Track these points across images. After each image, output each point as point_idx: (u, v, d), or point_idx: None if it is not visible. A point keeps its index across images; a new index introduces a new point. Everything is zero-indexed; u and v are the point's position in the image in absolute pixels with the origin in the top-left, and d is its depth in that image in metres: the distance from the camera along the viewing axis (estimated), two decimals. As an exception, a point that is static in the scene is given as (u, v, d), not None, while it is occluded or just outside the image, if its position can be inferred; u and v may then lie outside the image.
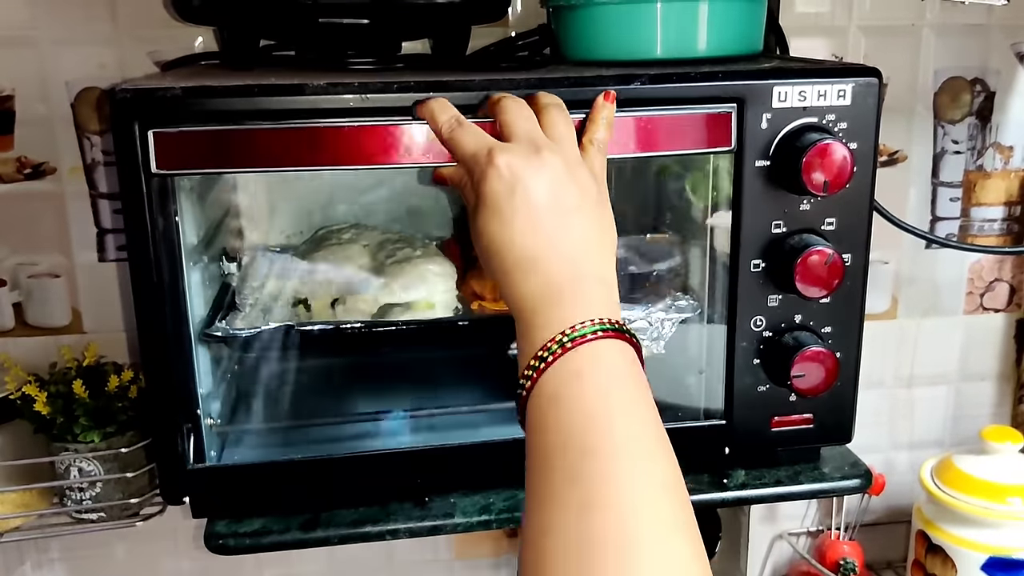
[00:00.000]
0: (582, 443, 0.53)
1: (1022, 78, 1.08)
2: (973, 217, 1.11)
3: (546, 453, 0.54)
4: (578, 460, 0.52)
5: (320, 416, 0.87)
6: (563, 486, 0.51)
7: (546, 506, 0.52)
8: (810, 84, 0.78)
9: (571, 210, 0.61)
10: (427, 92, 0.72)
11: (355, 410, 0.87)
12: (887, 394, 1.16)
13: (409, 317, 0.86)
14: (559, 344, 0.56)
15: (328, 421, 0.86)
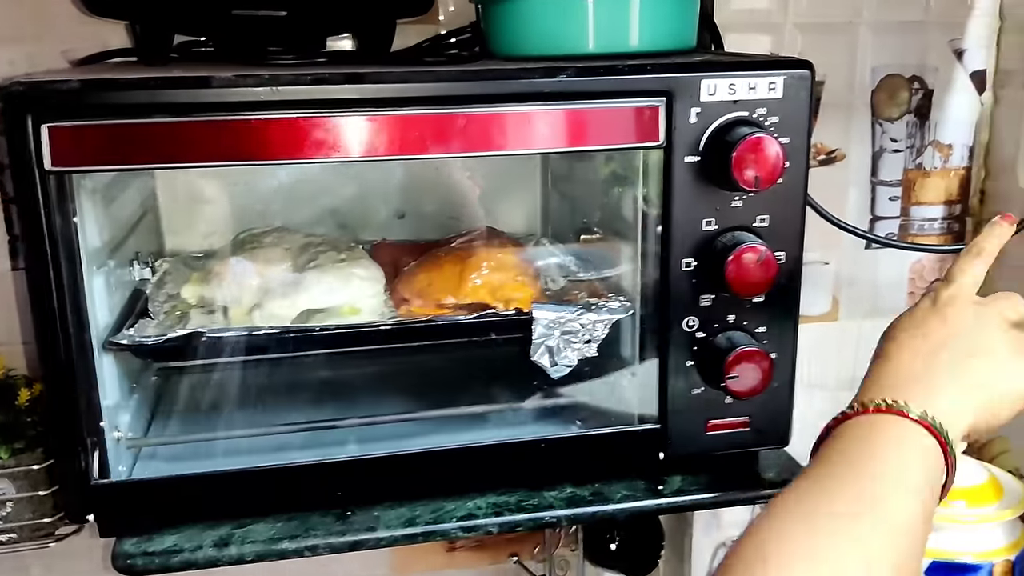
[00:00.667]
0: (868, 491, 0.57)
1: (960, 75, 1.07)
2: (913, 216, 1.10)
3: (823, 480, 0.59)
4: (868, 506, 0.56)
5: (237, 427, 0.83)
6: (849, 516, 0.56)
7: (798, 522, 0.56)
8: (740, 77, 0.76)
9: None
10: (343, 84, 0.69)
11: (275, 421, 0.83)
12: (830, 396, 1.14)
13: (333, 322, 0.82)
14: (901, 406, 0.61)
15: (246, 433, 0.81)
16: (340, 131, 0.66)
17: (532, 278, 0.92)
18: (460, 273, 0.88)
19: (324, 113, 0.66)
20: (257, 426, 0.83)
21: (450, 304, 0.87)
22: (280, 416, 0.84)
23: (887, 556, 0.54)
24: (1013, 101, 1.04)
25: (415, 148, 0.68)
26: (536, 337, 0.82)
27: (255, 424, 0.84)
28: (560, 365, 0.83)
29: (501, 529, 0.80)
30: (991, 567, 0.94)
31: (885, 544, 0.55)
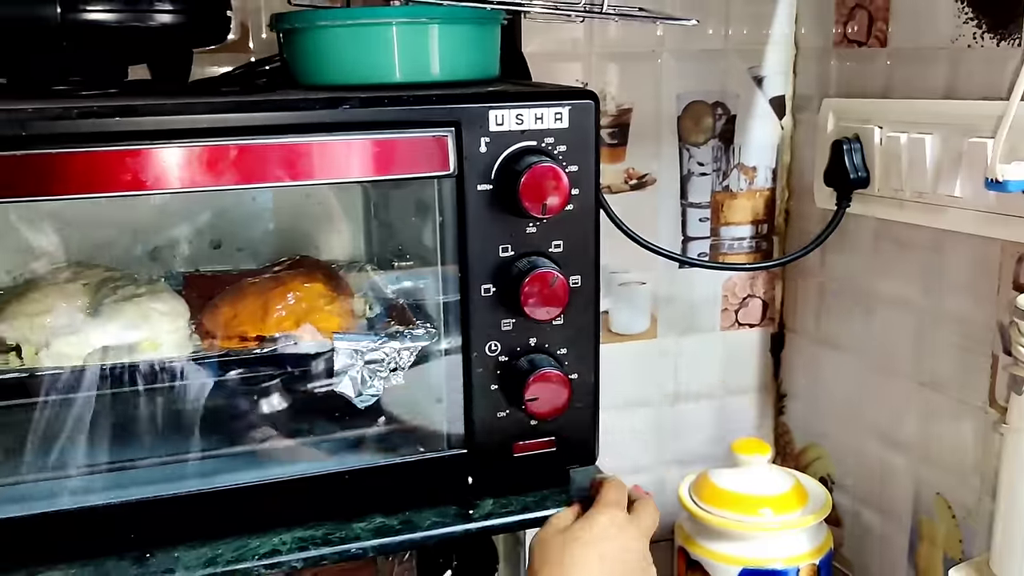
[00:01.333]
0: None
1: (760, 101, 1.13)
2: (723, 236, 1.15)
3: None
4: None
5: (29, 472, 0.80)
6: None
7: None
8: (526, 108, 0.78)
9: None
10: (109, 117, 0.67)
11: (72, 464, 0.80)
12: (653, 413, 1.17)
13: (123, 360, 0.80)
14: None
15: (34, 478, 0.78)
16: (99, 164, 0.65)
17: (344, 307, 0.91)
18: (264, 305, 0.87)
19: (82, 148, 0.65)
20: (52, 470, 0.80)
21: (253, 337, 0.85)
22: (77, 459, 0.81)
23: None
24: (810, 125, 1.09)
25: (187, 181, 0.67)
26: (338, 367, 0.81)
27: (49, 469, 0.81)
28: (366, 395, 0.83)
29: (306, 564, 0.79)
30: (797, 571, 0.98)
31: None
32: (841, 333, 1.10)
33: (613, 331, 1.13)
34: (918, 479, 1.00)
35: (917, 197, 0.94)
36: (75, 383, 0.78)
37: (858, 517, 1.10)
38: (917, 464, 1.00)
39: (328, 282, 0.92)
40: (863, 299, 1.06)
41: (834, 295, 1.11)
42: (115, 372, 0.79)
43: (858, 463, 1.09)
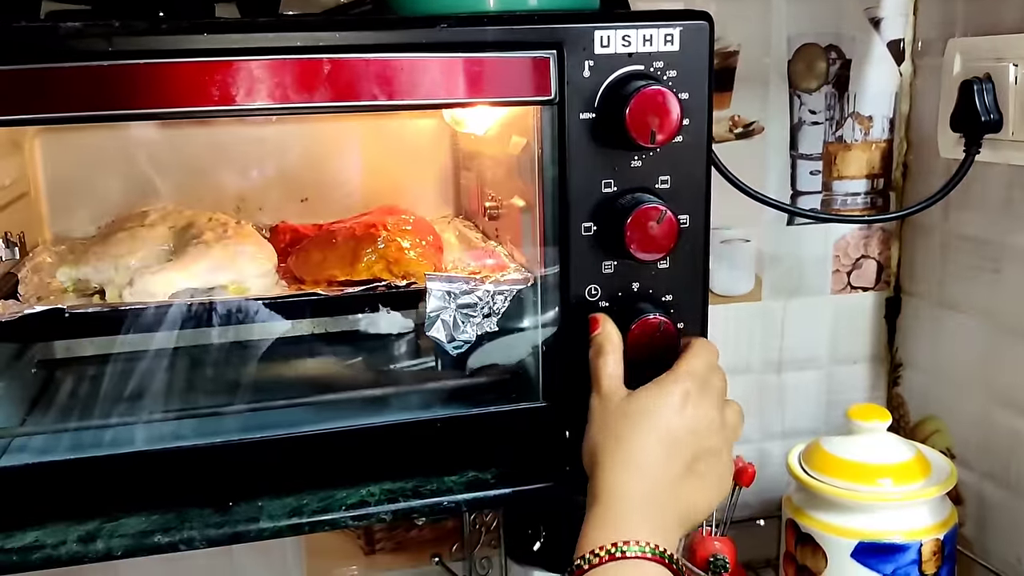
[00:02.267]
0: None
1: (878, 45, 1.05)
2: (835, 191, 1.07)
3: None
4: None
5: (115, 417, 0.77)
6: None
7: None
8: (634, 28, 0.72)
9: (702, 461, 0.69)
10: (197, 33, 0.64)
11: (157, 410, 0.77)
12: (755, 380, 1.10)
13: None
14: (623, 550, 0.63)
15: (120, 422, 0.75)
16: (186, 77, 0.61)
17: (435, 254, 0.87)
18: (354, 249, 0.83)
19: (170, 61, 0.61)
20: (134, 413, 0.77)
21: (343, 281, 0.82)
22: (162, 405, 0.78)
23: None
24: (932, 71, 1.01)
25: (278, 97, 0.63)
26: (431, 310, 0.77)
27: (135, 414, 0.78)
28: (459, 341, 0.78)
29: (395, 517, 0.75)
30: (919, 546, 0.90)
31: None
32: (966, 295, 1.02)
33: (714, 291, 1.06)
34: (1055, 450, 0.91)
35: (1059, 138, 0.85)
36: (158, 322, 0.74)
37: (981, 494, 1.01)
38: (1054, 434, 0.91)
39: (418, 228, 0.88)
40: (992, 256, 0.97)
41: (958, 253, 1.02)
42: (200, 312, 0.75)
43: (982, 435, 1.01)
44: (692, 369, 0.71)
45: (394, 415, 0.78)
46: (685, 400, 0.69)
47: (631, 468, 0.66)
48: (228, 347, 0.79)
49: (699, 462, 0.68)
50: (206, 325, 0.75)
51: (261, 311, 0.76)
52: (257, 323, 0.77)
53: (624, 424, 0.68)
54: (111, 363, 0.82)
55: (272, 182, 1.00)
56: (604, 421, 0.70)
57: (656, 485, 0.66)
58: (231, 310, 0.75)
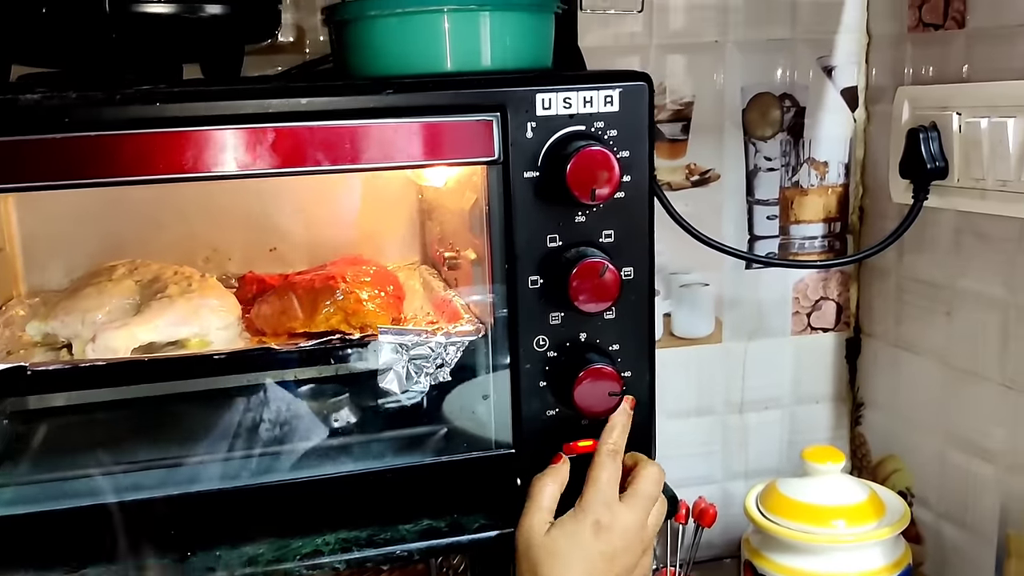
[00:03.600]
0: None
1: (831, 93, 1.07)
2: (793, 235, 1.10)
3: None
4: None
5: (78, 469, 0.79)
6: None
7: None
8: (575, 91, 0.75)
9: None
10: (151, 104, 0.67)
11: (120, 461, 0.79)
12: (718, 421, 1.12)
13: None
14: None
15: (77, 474, 0.77)
16: (138, 147, 0.64)
17: (395, 306, 0.89)
18: (313, 301, 0.86)
19: (124, 132, 0.64)
20: (93, 466, 0.79)
21: (300, 333, 0.84)
22: (124, 457, 0.81)
23: None
24: (885, 117, 1.04)
25: (225, 162, 0.66)
26: (383, 362, 0.79)
27: (97, 465, 0.80)
28: (411, 391, 0.80)
29: (348, 565, 0.77)
30: (873, 587, 0.92)
31: None
32: (921, 336, 1.04)
33: (675, 334, 1.09)
34: (1006, 490, 0.93)
35: (1000, 186, 0.88)
36: (118, 377, 0.77)
37: (940, 533, 1.03)
38: (1004, 474, 0.93)
39: (379, 280, 0.91)
40: (944, 299, 0.99)
41: (913, 296, 1.04)
42: (157, 367, 0.77)
43: (940, 475, 1.02)
44: (599, 494, 0.75)
45: (350, 465, 0.80)
46: (598, 531, 0.73)
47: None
48: (187, 399, 0.81)
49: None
50: (164, 379, 0.77)
51: (217, 366, 0.78)
52: (216, 376, 0.79)
53: (546, 558, 0.73)
54: (76, 415, 0.85)
55: (241, 233, 1.03)
56: (529, 560, 0.74)
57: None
58: (188, 365, 0.77)
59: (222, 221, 1.02)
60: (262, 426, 0.82)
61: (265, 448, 0.80)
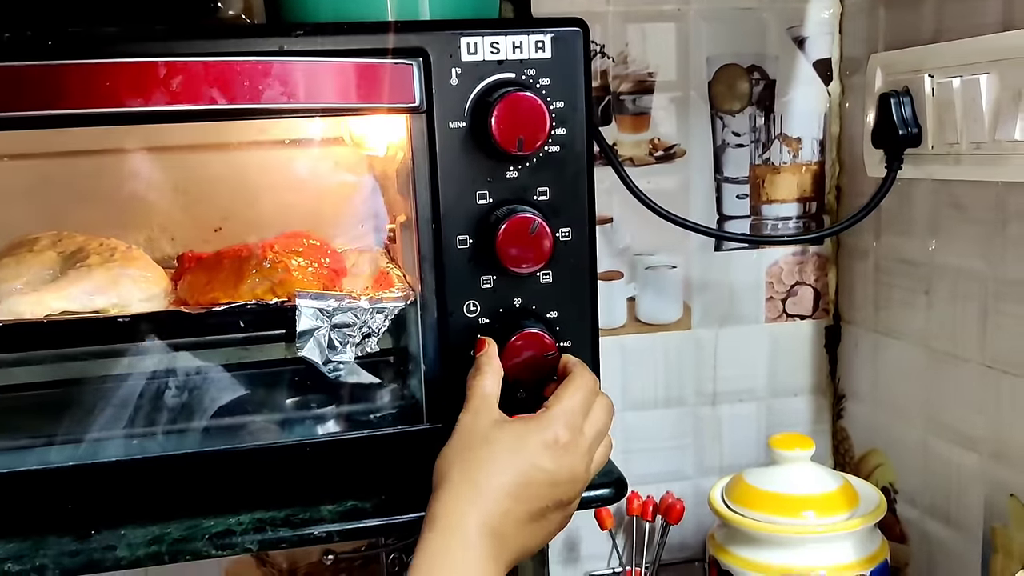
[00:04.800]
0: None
1: (803, 65, 1.02)
2: (765, 215, 1.04)
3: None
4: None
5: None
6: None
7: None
8: (502, 35, 0.70)
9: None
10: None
11: (23, 434, 0.75)
12: (689, 413, 1.06)
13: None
14: None
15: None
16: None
17: (328, 277, 0.85)
18: (238, 270, 0.81)
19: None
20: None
21: (224, 303, 0.79)
22: (31, 428, 0.76)
23: None
24: (861, 89, 0.98)
25: (113, 101, 0.62)
26: (302, 328, 0.74)
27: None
28: (335, 362, 0.75)
29: (261, 547, 0.71)
30: (844, 584, 0.85)
31: None
32: (902, 320, 0.97)
33: (641, 320, 1.03)
34: (990, 481, 0.86)
35: (975, 149, 0.82)
36: (23, 343, 0.72)
37: (924, 531, 0.96)
38: (988, 462, 0.86)
39: (313, 252, 0.86)
40: (923, 277, 0.93)
41: (892, 276, 0.98)
42: (65, 332, 0.73)
43: (924, 468, 0.95)
44: (568, 410, 0.67)
45: (265, 439, 0.75)
46: (553, 447, 0.65)
47: (478, 499, 0.62)
48: (90, 363, 0.77)
49: (551, 509, 0.65)
50: (64, 344, 0.72)
51: (122, 330, 0.73)
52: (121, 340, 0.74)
53: (484, 450, 0.65)
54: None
55: (184, 214, 0.99)
56: (466, 441, 0.66)
57: (500, 524, 0.62)
58: (95, 328, 0.73)
59: (163, 202, 0.98)
60: (168, 393, 0.77)
61: (173, 416, 0.75)
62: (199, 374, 0.79)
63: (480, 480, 0.63)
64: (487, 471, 0.63)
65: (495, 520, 0.62)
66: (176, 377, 0.78)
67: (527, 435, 0.65)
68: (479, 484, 0.63)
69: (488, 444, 0.65)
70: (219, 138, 0.96)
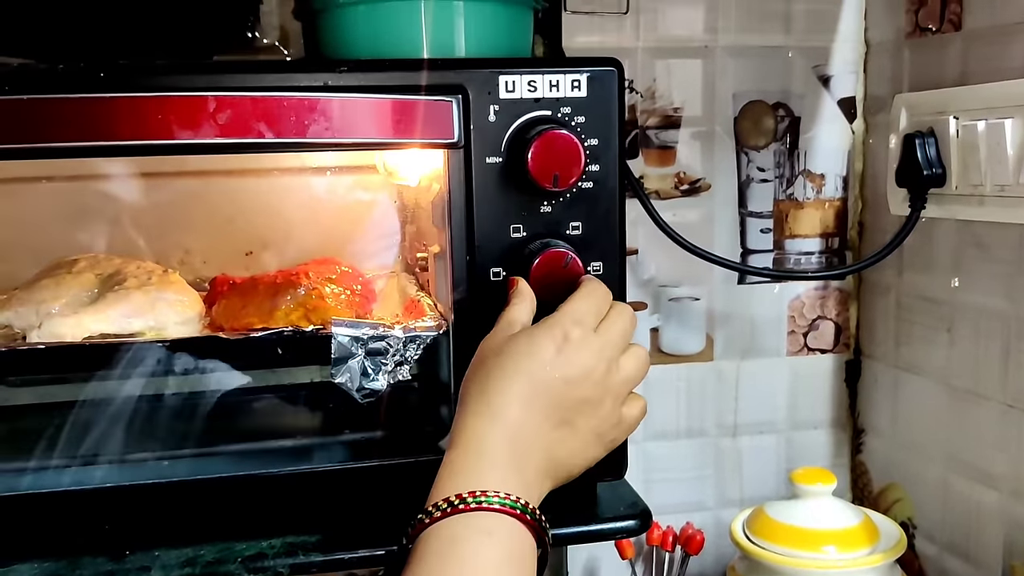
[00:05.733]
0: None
1: (827, 103, 1.04)
2: (788, 249, 1.05)
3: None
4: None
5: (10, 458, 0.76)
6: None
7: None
8: (540, 74, 0.72)
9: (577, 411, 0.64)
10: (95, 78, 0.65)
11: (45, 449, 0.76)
12: (710, 444, 1.07)
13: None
14: (480, 500, 0.58)
15: (17, 466, 0.74)
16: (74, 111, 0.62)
17: (361, 305, 0.86)
18: (273, 297, 0.82)
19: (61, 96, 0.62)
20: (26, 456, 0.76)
21: (260, 329, 0.80)
22: (67, 450, 0.77)
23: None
24: (885, 128, 1.00)
25: (164, 133, 0.63)
26: (336, 355, 0.75)
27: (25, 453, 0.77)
28: (367, 389, 0.76)
29: (293, 571, 0.72)
30: (865, 618, 0.85)
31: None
32: (923, 356, 0.98)
33: (664, 351, 1.04)
34: (1010, 518, 0.86)
35: (999, 191, 0.83)
36: (65, 365, 0.74)
37: (943, 568, 0.96)
38: (1008, 500, 0.87)
39: (345, 279, 0.88)
40: (945, 315, 0.94)
41: (914, 314, 0.99)
42: (102, 355, 0.74)
43: (943, 504, 0.96)
44: (576, 311, 0.65)
45: (300, 464, 0.76)
46: (563, 345, 0.63)
47: (493, 412, 0.61)
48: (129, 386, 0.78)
49: (573, 413, 0.63)
50: (109, 369, 0.74)
51: (164, 356, 0.75)
52: (160, 367, 0.75)
53: (494, 364, 0.63)
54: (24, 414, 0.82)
55: (217, 236, 1.01)
56: (481, 358, 0.65)
57: (519, 433, 0.60)
58: (133, 354, 0.74)
59: (197, 225, 1.00)
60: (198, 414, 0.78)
61: (205, 438, 0.76)
62: (230, 396, 0.80)
63: (490, 391, 0.62)
64: (497, 382, 0.62)
65: (511, 430, 0.60)
66: (207, 398, 0.79)
67: (535, 339, 0.63)
68: (490, 396, 0.61)
69: (499, 355, 0.63)
70: (254, 164, 0.98)
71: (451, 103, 0.70)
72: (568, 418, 0.63)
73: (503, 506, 0.58)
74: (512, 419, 0.61)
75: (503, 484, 0.58)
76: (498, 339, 0.65)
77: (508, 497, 0.58)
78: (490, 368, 0.63)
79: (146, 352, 0.74)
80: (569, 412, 0.63)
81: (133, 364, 0.73)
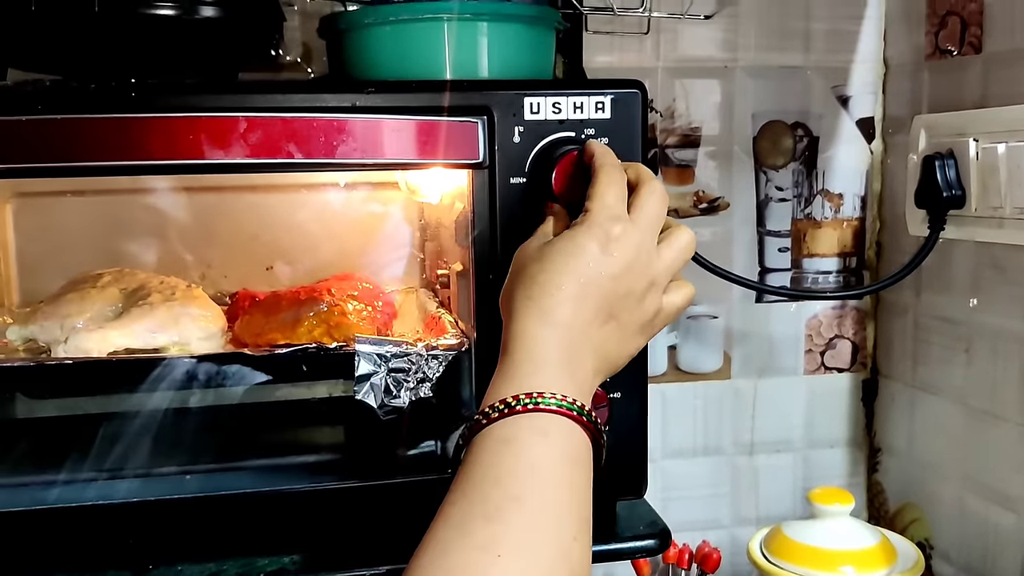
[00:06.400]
0: (514, 489, 0.55)
1: (846, 123, 1.04)
2: (806, 268, 1.05)
3: (473, 487, 0.56)
4: (502, 502, 0.54)
5: (35, 473, 0.77)
6: (476, 520, 0.54)
7: (452, 532, 0.54)
8: (564, 96, 0.72)
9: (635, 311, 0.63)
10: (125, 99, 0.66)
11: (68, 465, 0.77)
12: (727, 462, 1.07)
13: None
14: (536, 401, 0.58)
15: (34, 480, 0.75)
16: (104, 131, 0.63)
17: (382, 322, 0.87)
18: (296, 313, 0.83)
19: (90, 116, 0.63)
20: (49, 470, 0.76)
21: (283, 345, 0.81)
22: (91, 464, 0.78)
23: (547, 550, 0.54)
24: (903, 149, 1.00)
25: (194, 152, 0.64)
26: (360, 373, 0.76)
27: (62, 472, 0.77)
28: (390, 406, 0.77)
29: (315, 585, 0.73)
30: (883, 639, 0.85)
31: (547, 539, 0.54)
32: (940, 377, 0.98)
33: (681, 368, 1.04)
34: (1029, 541, 0.87)
35: (1018, 214, 0.83)
36: (88, 381, 0.75)
37: (962, 588, 0.96)
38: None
39: (367, 295, 0.88)
40: (963, 336, 0.94)
41: (931, 334, 0.99)
42: (126, 371, 0.75)
43: (960, 525, 0.96)
44: (608, 207, 0.63)
45: (321, 480, 0.77)
46: (605, 243, 0.61)
47: (544, 315, 0.60)
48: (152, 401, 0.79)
49: (619, 308, 0.62)
50: (136, 384, 0.75)
51: (191, 372, 0.75)
52: (195, 387, 0.76)
53: (538, 269, 0.62)
54: (48, 428, 0.82)
55: (240, 251, 1.01)
56: (520, 265, 0.64)
57: (570, 333, 0.60)
58: (163, 371, 0.75)
59: (219, 239, 1.01)
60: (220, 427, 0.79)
61: (232, 461, 0.77)
62: (252, 411, 0.81)
63: (538, 295, 0.61)
64: (543, 286, 0.61)
65: (563, 331, 0.60)
66: (229, 413, 0.80)
67: (577, 240, 0.62)
68: (539, 300, 0.61)
69: (540, 260, 0.62)
70: (280, 180, 0.99)
71: (477, 124, 0.71)
72: (615, 313, 0.62)
73: (559, 407, 0.57)
74: (563, 320, 0.60)
75: (558, 385, 0.58)
76: (534, 246, 0.64)
77: (564, 399, 0.58)
78: (534, 273, 0.62)
79: (173, 368, 0.75)
80: (615, 307, 0.62)
81: (159, 380, 0.74)
